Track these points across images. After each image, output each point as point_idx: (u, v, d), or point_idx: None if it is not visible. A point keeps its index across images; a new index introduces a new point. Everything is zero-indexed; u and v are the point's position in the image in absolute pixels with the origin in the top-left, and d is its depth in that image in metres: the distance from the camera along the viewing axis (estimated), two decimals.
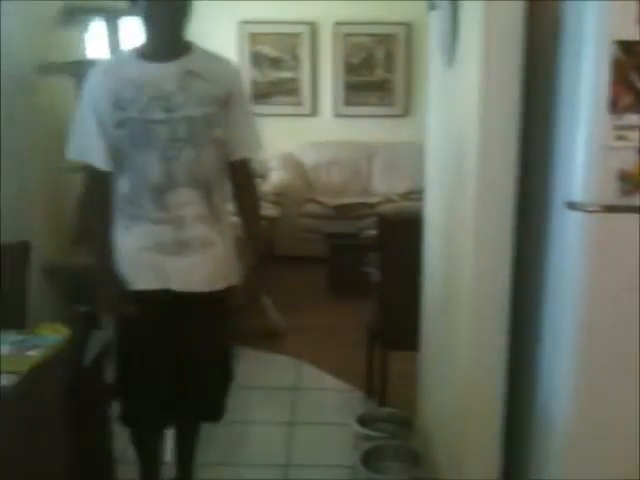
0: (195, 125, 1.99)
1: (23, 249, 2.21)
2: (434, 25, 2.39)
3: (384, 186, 5.98)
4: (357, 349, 3.41)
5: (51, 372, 1.43)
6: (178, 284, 2.07)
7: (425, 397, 2.78)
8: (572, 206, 1.70)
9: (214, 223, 2.09)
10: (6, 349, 1.88)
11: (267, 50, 6.09)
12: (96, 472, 2.06)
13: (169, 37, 2.01)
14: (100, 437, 2.07)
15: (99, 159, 2.03)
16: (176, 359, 2.13)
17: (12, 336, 1.95)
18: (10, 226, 3.20)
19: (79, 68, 3.35)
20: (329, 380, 3.61)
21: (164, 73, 1.99)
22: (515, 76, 1.78)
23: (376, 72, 6.15)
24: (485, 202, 1.87)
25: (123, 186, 2.05)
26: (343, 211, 5.49)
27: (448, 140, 2.28)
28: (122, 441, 2.27)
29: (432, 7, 2.33)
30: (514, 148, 1.82)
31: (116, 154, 2.03)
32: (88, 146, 2.04)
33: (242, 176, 2.19)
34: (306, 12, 5.98)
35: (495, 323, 1.95)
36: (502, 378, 1.99)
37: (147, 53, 2.02)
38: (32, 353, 1.85)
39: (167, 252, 2.04)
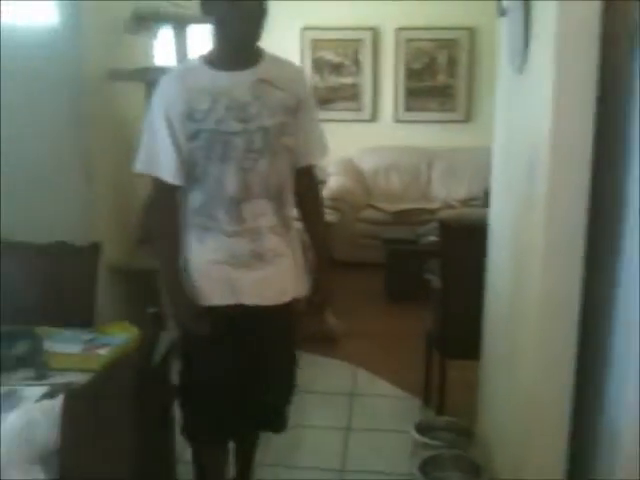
0: (269, 135, 1.94)
1: (94, 250, 2.27)
2: (504, 31, 2.35)
3: (443, 192, 5.93)
4: (414, 356, 3.39)
5: (122, 371, 1.46)
6: (251, 298, 2.03)
7: (486, 407, 2.73)
8: None
9: (284, 233, 2.06)
10: (77, 347, 1.94)
11: (329, 56, 6.13)
12: (158, 471, 2.09)
13: (246, 44, 1.93)
14: (163, 436, 2.11)
15: (169, 173, 1.96)
16: (246, 373, 2.10)
17: (82, 335, 2.02)
18: (78, 227, 3.30)
19: (148, 74, 3.44)
20: (386, 387, 3.59)
21: (238, 82, 1.92)
22: (590, 79, 1.73)
23: (438, 77, 6.10)
24: (557, 212, 1.82)
25: (195, 198, 2.00)
26: (402, 217, 5.46)
27: (517, 147, 2.24)
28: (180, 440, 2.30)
29: (502, 12, 2.30)
30: (588, 155, 1.77)
31: (187, 166, 1.96)
32: (158, 159, 1.96)
33: (308, 182, 2.16)
34: (368, 18, 5.99)
35: (563, 343, 1.90)
36: (569, 400, 1.93)
37: (218, 61, 1.94)
38: (102, 352, 1.91)
39: (240, 265, 1.99)
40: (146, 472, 1.81)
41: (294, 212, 2.16)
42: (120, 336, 1.99)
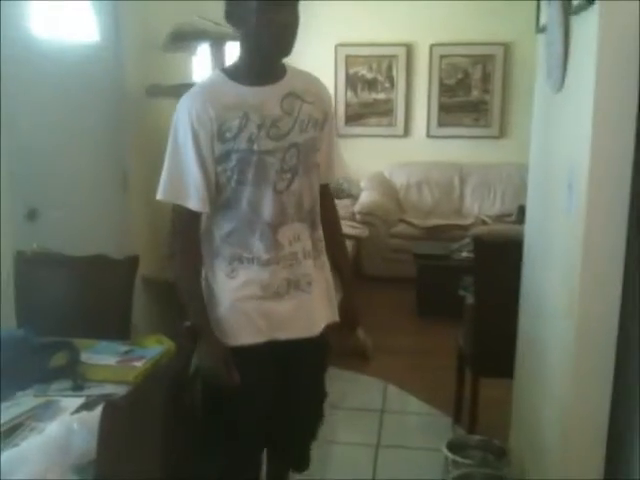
0: (301, 152, 1.81)
1: (132, 263, 2.29)
2: (542, 48, 2.33)
3: (476, 207, 5.92)
4: (445, 372, 3.37)
5: (159, 384, 1.48)
6: (286, 332, 1.88)
7: (520, 426, 2.70)
8: None
9: (317, 257, 1.93)
10: (113, 359, 1.97)
11: (363, 72, 6.16)
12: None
13: (278, 57, 1.79)
14: (195, 446, 2.12)
15: (197, 201, 1.77)
16: (275, 411, 1.97)
17: (118, 347, 2.05)
18: (113, 236, 3.36)
19: (185, 91, 3.49)
20: (416, 403, 3.57)
21: (267, 97, 1.78)
22: (631, 99, 1.71)
23: (472, 93, 6.09)
24: (595, 230, 1.80)
25: (223, 226, 1.84)
26: (434, 232, 5.44)
27: (554, 165, 2.21)
28: None
29: (541, 29, 2.28)
30: (628, 175, 1.75)
31: (214, 191, 1.80)
32: (184, 186, 1.77)
33: (329, 200, 2.06)
34: (402, 34, 6.01)
35: (601, 360, 1.87)
36: (606, 419, 1.90)
37: (245, 75, 1.79)
38: (137, 364, 1.93)
39: (274, 296, 1.84)
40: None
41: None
42: (155, 348, 2.01)
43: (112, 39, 3.30)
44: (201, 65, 4.19)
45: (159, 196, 1.81)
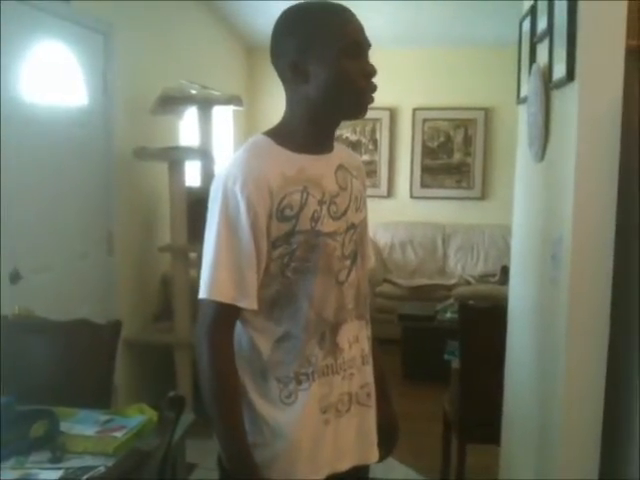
0: (356, 235, 1.51)
1: (115, 328, 2.26)
2: (522, 118, 2.39)
3: (459, 267, 5.96)
4: (431, 438, 3.32)
5: (142, 457, 1.44)
6: (347, 461, 1.51)
7: None
8: None
9: (370, 362, 1.57)
10: (93, 429, 1.91)
11: (347, 134, 6.27)
12: None
13: (355, 118, 1.50)
14: None
15: (250, 298, 1.38)
16: None
17: (99, 416, 1.99)
18: (98, 300, 3.33)
19: (172, 154, 3.53)
20: (401, 469, 3.49)
21: (324, 169, 1.46)
22: (612, 170, 1.74)
23: (454, 155, 6.22)
24: (579, 305, 1.81)
25: (269, 330, 1.43)
26: (418, 292, 5.45)
27: (537, 232, 2.24)
28: None
29: (521, 101, 2.34)
30: (610, 250, 1.77)
31: (266, 283, 1.42)
32: (238, 281, 1.36)
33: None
34: (386, 98, 6.12)
35: (590, 426, 1.86)
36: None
37: (295, 140, 1.43)
38: (117, 434, 1.87)
39: (335, 416, 1.47)
40: None
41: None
42: (136, 418, 1.96)
43: (101, 103, 3.35)
44: (189, 128, 4.24)
45: (206, 295, 1.36)
